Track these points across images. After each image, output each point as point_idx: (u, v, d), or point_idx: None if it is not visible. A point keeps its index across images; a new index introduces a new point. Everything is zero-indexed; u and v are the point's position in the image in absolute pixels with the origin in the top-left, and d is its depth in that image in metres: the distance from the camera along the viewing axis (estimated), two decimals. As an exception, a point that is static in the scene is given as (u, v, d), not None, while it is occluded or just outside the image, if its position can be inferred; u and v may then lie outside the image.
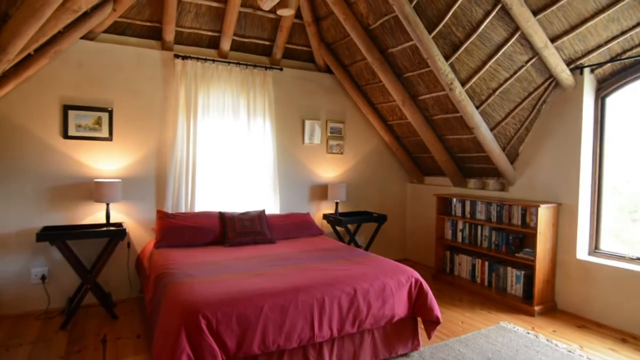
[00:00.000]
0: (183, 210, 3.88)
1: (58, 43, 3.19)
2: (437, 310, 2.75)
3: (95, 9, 3.20)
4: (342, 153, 4.94)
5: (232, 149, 4.14)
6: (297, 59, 4.68)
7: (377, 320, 2.54)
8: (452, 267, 4.56)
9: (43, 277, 3.44)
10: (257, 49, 4.40)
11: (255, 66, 4.22)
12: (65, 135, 3.49)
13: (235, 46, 4.26)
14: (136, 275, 3.71)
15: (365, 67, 4.36)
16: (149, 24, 3.77)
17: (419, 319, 2.84)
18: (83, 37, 3.50)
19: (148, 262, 3.19)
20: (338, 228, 4.69)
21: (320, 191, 4.80)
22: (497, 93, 3.62)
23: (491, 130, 3.86)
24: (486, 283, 4.15)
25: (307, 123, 4.67)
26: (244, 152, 4.19)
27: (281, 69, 4.42)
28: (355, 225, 4.83)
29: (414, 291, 2.73)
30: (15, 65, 3.00)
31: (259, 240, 3.63)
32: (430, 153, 4.77)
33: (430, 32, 3.39)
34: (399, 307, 2.64)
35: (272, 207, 4.35)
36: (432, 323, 2.76)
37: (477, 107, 3.74)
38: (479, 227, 4.26)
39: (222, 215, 3.74)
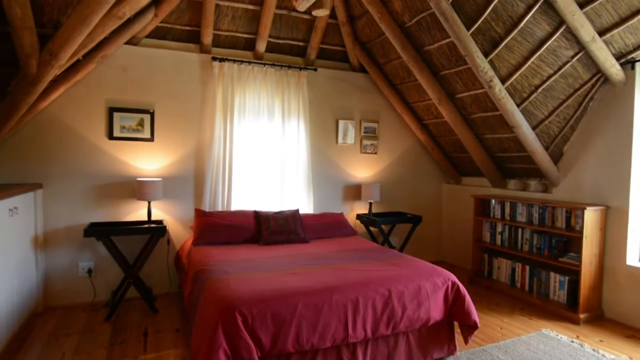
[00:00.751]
0: (219, 209, 3.98)
1: (104, 48, 3.35)
2: (475, 314, 2.67)
3: (138, 15, 3.33)
4: (376, 153, 4.90)
5: (266, 149, 4.20)
6: (331, 59, 4.68)
7: (412, 322, 2.49)
8: (491, 270, 4.41)
9: (89, 271, 3.63)
10: (291, 50, 4.44)
11: (289, 67, 4.26)
12: (111, 136, 3.66)
13: (270, 48, 4.32)
14: (175, 270, 3.84)
15: (400, 65, 4.30)
16: (188, 28, 3.89)
17: (456, 323, 2.77)
18: (127, 43, 3.65)
19: (187, 259, 3.30)
20: (372, 228, 4.66)
21: (354, 191, 4.78)
22: (539, 90, 3.47)
23: (533, 129, 3.71)
24: (527, 288, 3.99)
25: (341, 123, 4.66)
26: (279, 152, 4.25)
27: (315, 70, 4.44)
28: (389, 226, 4.78)
29: (451, 294, 2.66)
30: (65, 70, 3.18)
31: (293, 240, 3.66)
32: (467, 153, 4.64)
33: (468, 29, 3.30)
34: (435, 310, 2.58)
35: (306, 206, 4.38)
36: (469, 328, 2.68)
37: (518, 105, 3.60)
38: (520, 230, 4.09)
39: (257, 214, 3.81)
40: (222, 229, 3.56)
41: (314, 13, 3.43)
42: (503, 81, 3.51)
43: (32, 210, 3.33)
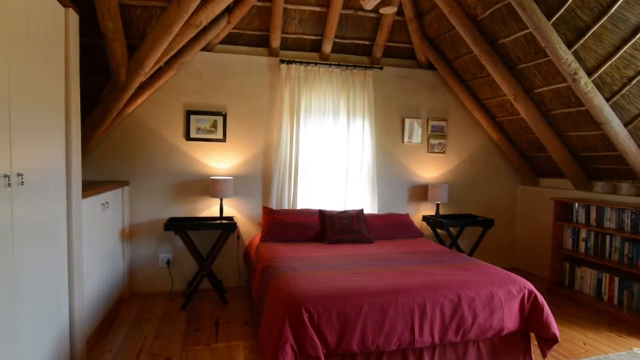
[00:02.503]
0: (286, 207, 4.09)
1: (183, 56, 3.60)
2: (555, 327, 2.47)
3: (212, 23, 3.53)
4: (444, 152, 4.72)
5: (332, 149, 4.23)
6: (398, 57, 4.59)
7: (484, 331, 2.37)
8: (572, 280, 4.05)
9: (168, 262, 3.91)
10: (357, 49, 4.43)
11: (355, 67, 4.26)
12: (188, 137, 3.92)
13: (336, 48, 4.34)
14: (244, 265, 4.01)
15: (472, 60, 4.10)
16: (257, 32, 4.04)
17: (532, 335, 2.58)
18: (203, 49, 3.88)
19: (255, 254, 3.43)
20: (439, 231, 4.50)
21: (420, 192, 4.65)
22: (633, 82, 3.11)
23: (625, 125, 3.34)
24: (615, 301, 3.60)
25: (407, 122, 4.56)
26: (344, 151, 4.26)
27: (381, 68, 4.39)
28: (458, 228, 4.58)
29: (527, 304, 2.49)
30: (149, 77, 3.46)
31: (357, 239, 3.65)
32: (546, 152, 4.30)
33: (549, 18, 3.05)
34: (509, 320, 2.43)
35: (370, 206, 4.34)
36: (548, 341, 2.49)
37: (607, 100, 3.26)
38: (608, 237, 3.71)
39: (321, 213, 3.85)
40: (288, 226, 3.65)
41: (381, 11, 3.40)
42: (589, 73, 3.20)
43: (120, 205, 3.66)
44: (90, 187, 2.84)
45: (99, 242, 3.04)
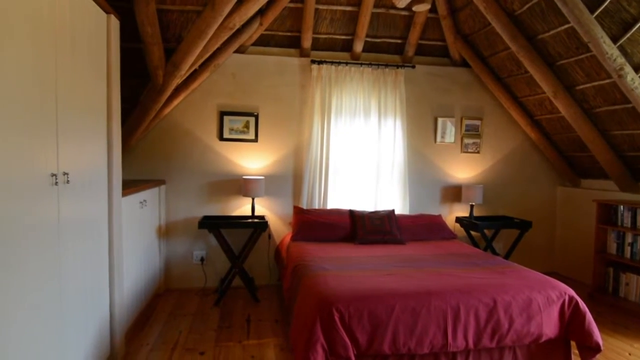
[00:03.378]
0: (316, 207, 4.10)
1: (217, 58, 3.68)
2: (598, 335, 2.35)
3: (245, 25, 3.59)
4: (478, 152, 4.59)
5: (362, 149, 4.21)
6: (430, 55, 4.51)
7: (521, 337, 2.29)
8: (617, 286, 3.84)
9: (202, 259, 4.01)
10: (388, 48, 4.38)
11: (386, 66, 4.21)
12: (221, 138, 4.01)
13: (367, 47, 4.31)
14: (275, 264, 4.06)
15: (508, 57, 3.97)
16: (289, 34, 4.07)
17: (573, 343, 2.47)
18: (236, 51, 3.95)
19: (286, 253, 3.46)
20: (473, 233, 4.38)
21: (453, 192, 4.55)
22: (687, 77, 2.92)
23: (677, 123, 3.14)
24: (665, 311, 3.41)
25: (440, 121, 4.47)
26: (375, 151, 4.22)
27: (413, 67, 4.32)
28: (493, 231, 4.45)
29: (568, 310, 2.38)
30: (185, 79, 3.56)
31: (389, 240, 3.61)
32: (589, 152, 4.10)
33: (592, 12, 2.91)
34: (548, 327, 2.33)
35: (402, 207, 4.28)
36: (590, 350, 2.37)
37: (658, 96, 3.08)
38: (657, 242, 3.50)
39: (352, 213, 3.84)
40: (319, 226, 3.66)
41: (414, 9, 3.34)
42: (637, 69, 3.02)
43: (157, 204, 3.79)
44: (129, 186, 2.95)
45: (137, 239, 3.15)
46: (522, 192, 4.72)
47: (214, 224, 3.59)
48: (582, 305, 2.40)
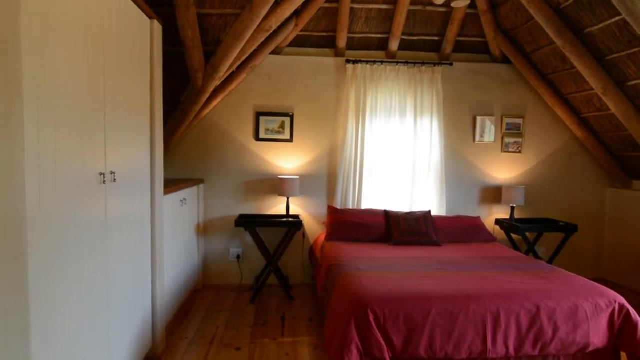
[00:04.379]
0: (350, 207, 4.09)
1: (253, 59, 3.75)
2: (652, 347, 2.20)
3: (281, 26, 3.63)
4: (520, 152, 4.41)
5: (398, 149, 4.15)
6: (469, 52, 4.37)
7: (566, 346, 2.18)
8: (674, 296, 3.58)
9: (238, 257, 4.10)
10: (425, 46, 4.30)
11: (423, 64, 4.13)
12: (257, 138, 4.08)
13: (403, 45, 4.24)
14: (309, 263, 4.08)
15: (553, 52, 3.79)
16: (324, 34, 4.08)
17: (624, 354, 2.33)
18: (272, 53, 4.00)
19: (320, 253, 3.47)
20: (513, 236, 4.22)
21: (493, 194, 4.39)
22: None
23: None
24: None
25: (479, 120, 4.33)
26: (410, 151, 4.16)
27: (451, 64, 4.22)
28: (535, 234, 4.26)
29: (618, 320, 2.25)
30: (223, 81, 3.65)
31: (424, 242, 3.54)
32: (642, 151, 3.85)
33: (648, 1, 2.73)
34: (596, 336, 2.21)
35: (438, 208, 4.19)
36: (643, 362, 2.23)
37: None
38: None
39: (387, 214, 3.79)
40: (353, 226, 3.65)
41: (453, 5, 3.25)
42: (699, 62, 2.81)
43: (196, 202, 3.91)
44: (170, 185, 3.06)
45: (178, 236, 3.26)
46: (568, 194, 4.49)
47: (250, 223, 3.66)
48: (634, 314, 2.25)
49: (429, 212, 3.86)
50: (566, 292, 2.31)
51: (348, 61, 4.08)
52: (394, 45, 4.14)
